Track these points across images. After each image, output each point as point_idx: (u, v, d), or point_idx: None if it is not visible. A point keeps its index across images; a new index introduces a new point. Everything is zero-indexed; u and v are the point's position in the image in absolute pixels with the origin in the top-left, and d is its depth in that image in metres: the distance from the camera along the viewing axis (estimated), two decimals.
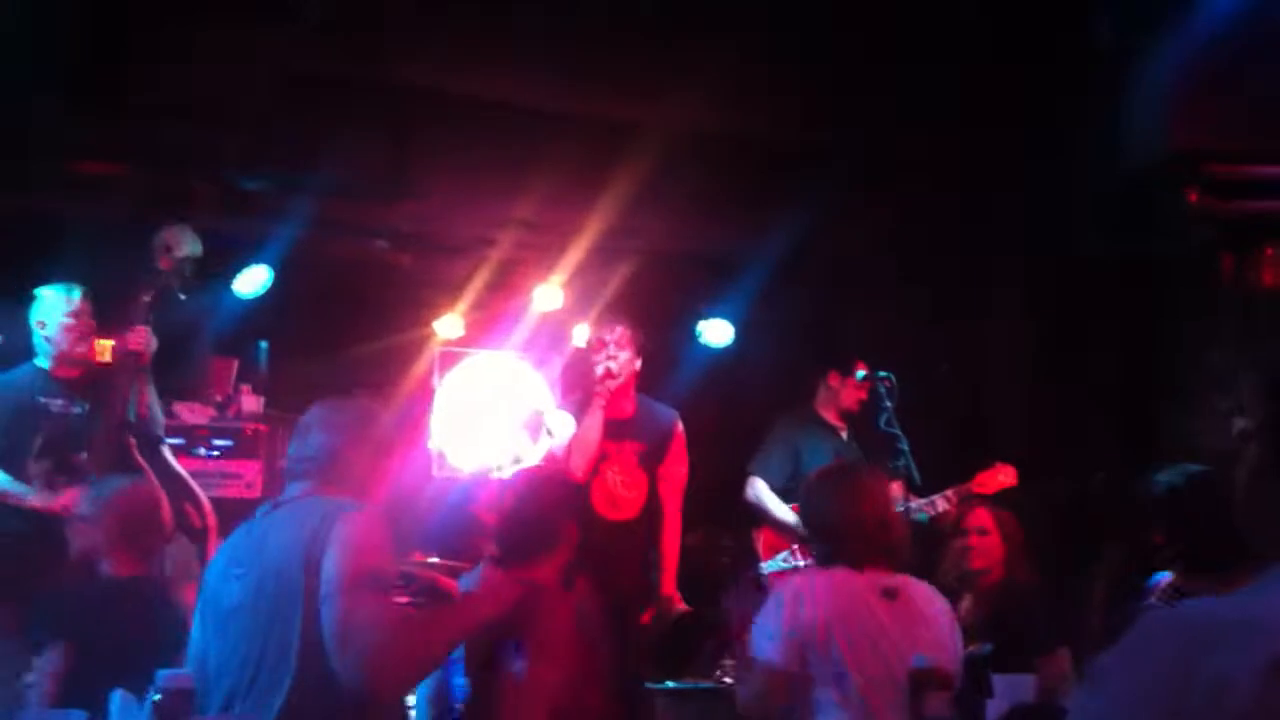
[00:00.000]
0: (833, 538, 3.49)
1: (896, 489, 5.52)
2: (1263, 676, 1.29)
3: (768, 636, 3.31)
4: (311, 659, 2.76)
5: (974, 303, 6.82)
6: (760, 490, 6.13)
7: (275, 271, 6.84)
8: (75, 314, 4.92)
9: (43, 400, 4.83)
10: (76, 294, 4.96)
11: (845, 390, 6.27)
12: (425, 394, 7.60)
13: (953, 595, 4.75)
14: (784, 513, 5.94)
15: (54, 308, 4.95)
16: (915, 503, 5.75)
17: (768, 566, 5.95)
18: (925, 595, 3.50)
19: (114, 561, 3.90)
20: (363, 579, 2.78)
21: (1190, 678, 1.31)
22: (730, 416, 7.48)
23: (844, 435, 6.27)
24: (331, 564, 2.77)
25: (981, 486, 5.87)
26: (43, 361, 4.93)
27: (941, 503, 5.87)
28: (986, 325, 6.92)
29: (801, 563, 5.77)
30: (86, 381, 4.95)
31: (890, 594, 3.37)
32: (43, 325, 4.95)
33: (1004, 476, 5.91)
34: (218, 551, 3.17)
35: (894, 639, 3.29)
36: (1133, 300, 6.04)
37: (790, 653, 3.27)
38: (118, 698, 2.72)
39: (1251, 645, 1.31)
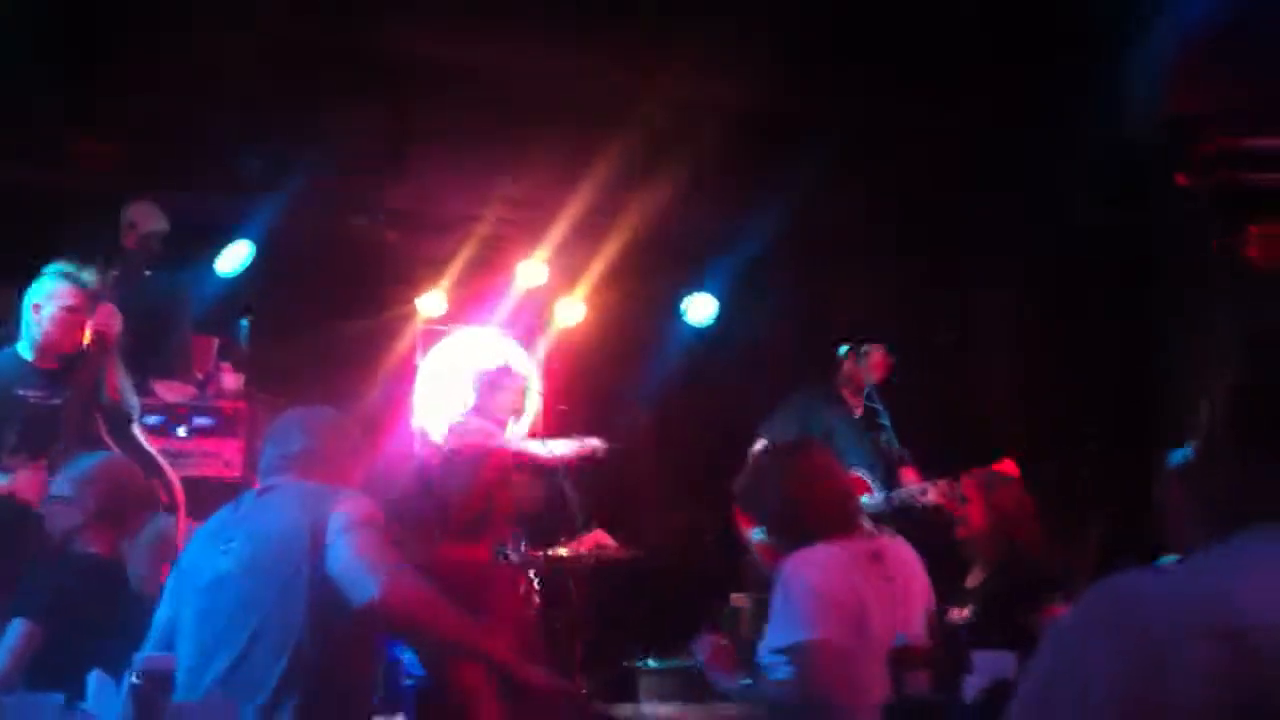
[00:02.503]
0: (805, 516, 3.49)
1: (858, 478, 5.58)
2: (1205, 645, 1.31)
3: (798, 622, 3.28)
4: (319, 618, 2.85)
5: (966, 276, 6.82)
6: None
7: (257, 248, 6.80)
8: (71, 308, 4.77)
9: (21, 392, 4.72)
10: (72, 283, 4.80)
11: (862, 367, 6.23)
12: (408, 371, 7.57)
13: (966, 565, 4.79)
14: None
15: (52, 296, 4.80)
16: (900, 492, 5.76)
17: (755, 535, 5.94)
18: (901, 548, 3.55)
19: (92, 540, 3.84)
20: (372, 522, 2.92)
21: (1137, 645, 1.33)
22: (713, 395, 7.49)
23: (856, 413, 6.22)
24: (340, 514, 2.91)
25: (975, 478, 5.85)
26: (25, 350, 4.81)
27: (933, 493, 5.83)
28: (979, 297, 6.92)
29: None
30: (63, 368, 4.85)
31: (877, 556, 3.40)
32: (38, 308, 4.81)
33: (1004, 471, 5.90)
34: (195, 534, 3.18)
35: (889, 601, 3.33)
36: (1129, 269, 6.04)
37: (835, 623, 3.27)
38: (94, 679, 2.70)
39: (1194, 612, 1.34)
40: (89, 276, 4.83)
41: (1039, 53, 5.30)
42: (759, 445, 6.10)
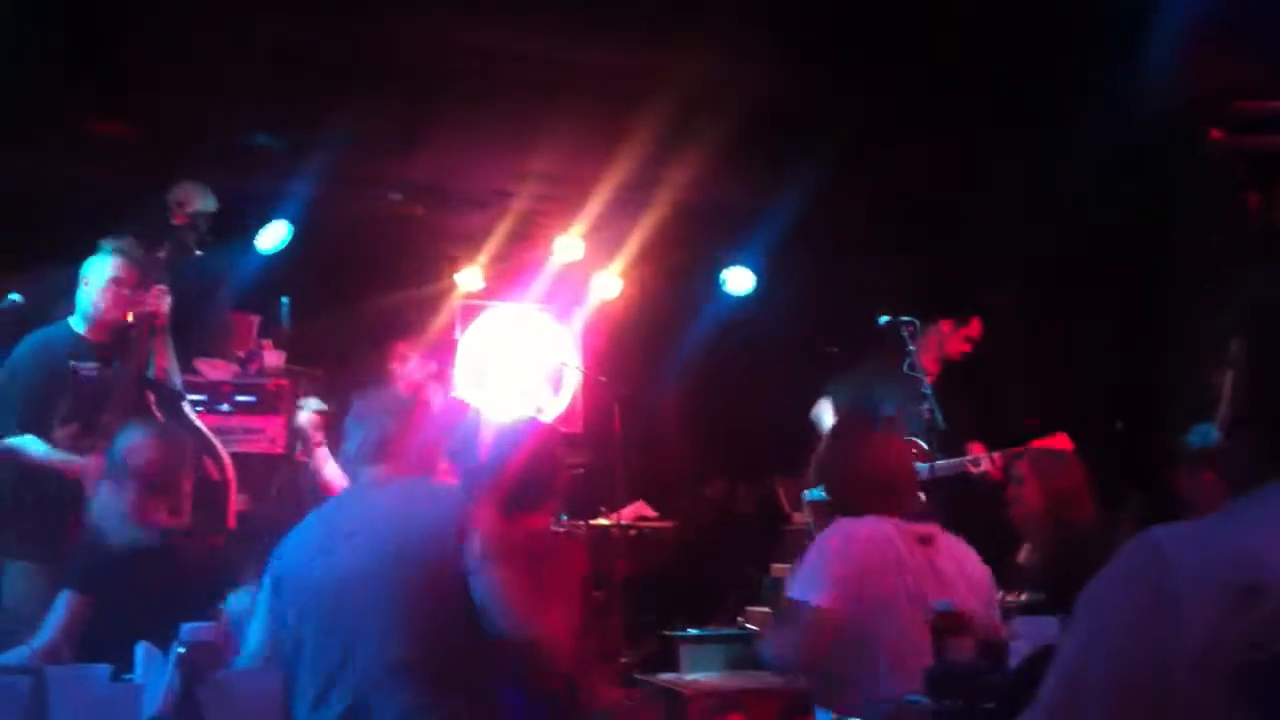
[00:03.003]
0: (858, 490, 3.51)
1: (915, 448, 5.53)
2: (1221, 597, 1.32)
3: (815, 583, 3.34)
4: (464, 619, 2.95)
5: (998, 242, 6.76)
6: (823, 411, 6.06)
7: (295, 227, 6.85)
8: (119, 280, 4.87)
9: (73, 364, 4.83)
10: (119, 259, 4.90)
11: (952, 339, 6.18)
12: (447, 347, 7.60)
13: (1016, 544, 4.77)
14: None
15: (102, 269, 4.90)
16: (952, 461, 5.72)
17: (810, 495, 5.92)
18: (957, 544, 3.54)
19: (141, 512, 3.86)
20: (507, 552, 3.00)
21: (1155, 597, 1.35)
22: (752, 366, 7.48)
23: (927, 384, 6.16)
24: (477, 539, 2.98)
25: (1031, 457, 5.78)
26: (78, 323, 4.91)
27: (986, 464, 5.78)
28: (1008, 264, 6.86)
29: None
30: (115, 343, 4.94)
31: (926, 540, 3.41)
32: (87, 282, 4.92)
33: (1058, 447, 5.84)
34: (297, 531, 3.20)
35: (933, 584, 3.33)
36: (1150, 241, 5.98)
37: (841, 597, 3.31)
38: (141, 650, 2.73)
39: (1208, 564, 1.34)
40: (137, 253, 4.90)
41: (1064, 20, 5.23)
42: (822, 408, 6.04)
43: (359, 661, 2.92)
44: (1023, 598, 4.40)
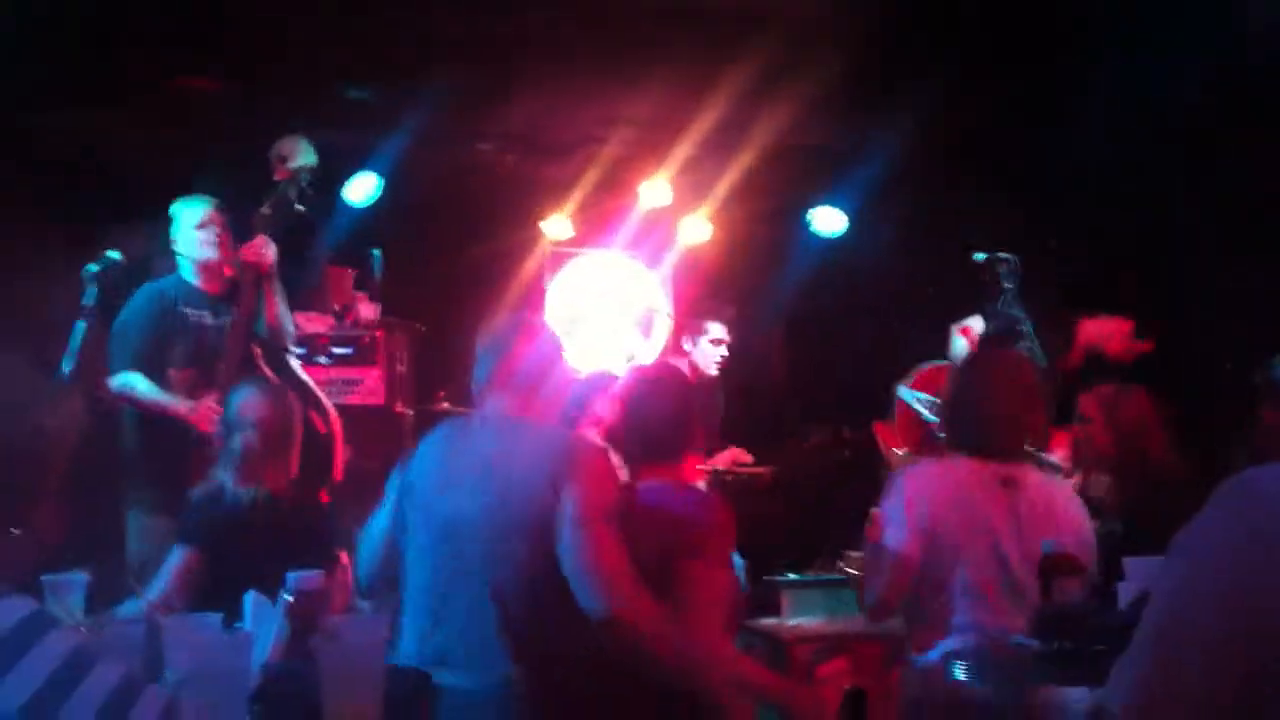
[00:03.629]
0: (960, 424, 3.46)
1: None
2: None
3: (893, 526, 3.32)
4: (550, 578, 2.83)
5: (1090, 176, 6.59)
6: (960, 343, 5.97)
7: (385, 180, 6.89)
8: (203, 224, 4.97)
9: (184, 310, 4.92)
10: (204, 205, 5.00)
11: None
12: (536, 295, 7.62)
13: (1086, 477, 4.68)
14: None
15: (184, 221, 5.01)
16: None
17: (905, 393, 5.84)
18: (1048, 485, 3.46)
19: (255, 470, 3.93)
20: (609, 513, 2.87)
21: (1252, 534, 1.34)
22: (844, 309, 7.40)
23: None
24: (578, 492, 2.86)
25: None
26: (187, 274, 5.02)
27: None
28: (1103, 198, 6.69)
29: None
30: (226, 295, 5.02)
31: (1009, 483, 3.34)
32: (175, 241, 5.03)
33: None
34: (422, 451, 3.16)
35: (1012, 528, 3.27)
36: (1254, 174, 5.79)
37: (913, 542, 3.28)
38: (250, 599, 2.77)
39: None
40: (206, 203, 5.01)
41: None
42: (971, 325, 5.93)
43: (452, 611, 2.91)
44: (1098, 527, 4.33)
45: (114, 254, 4.93)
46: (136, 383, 4.80)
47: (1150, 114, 6.00)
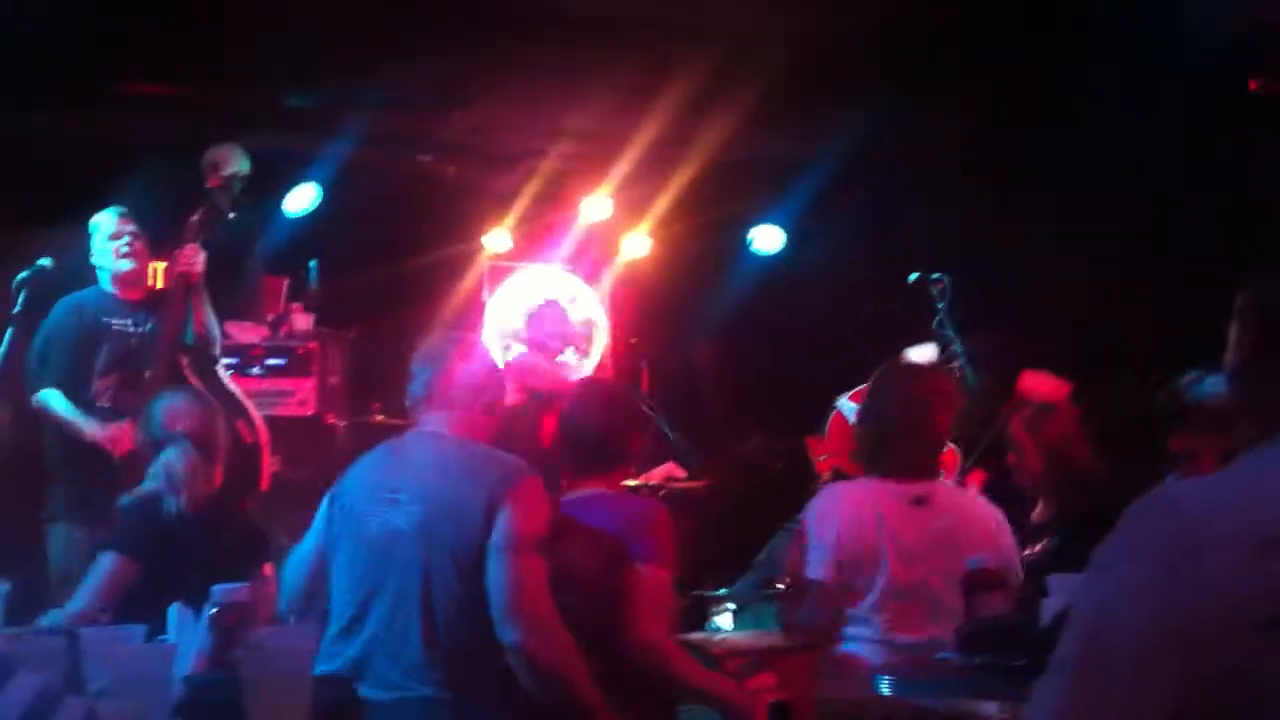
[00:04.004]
0: (871, 443, 3.50)
1: None
2: (1243, 550, 1.30)
3: (809, 551, 3.36)
4: (463, 606, 2.85)
5: (1038, 194, 6.69)
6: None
7: (324, 189, 6.84)
8: (117, 234, 4.94)
9: (105, 319, 4.88)
10: (113, 215, 4.97)
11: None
12: (475, 308, 7.60)
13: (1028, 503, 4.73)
14: None
15: (99, 232, 4.98)
16: None
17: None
18: (963, 501, 3.48)
19: (195, 478, 3.85)
20: (537, 541, 2.89)
21: (1175, 550, 1.34)
22: (782, 325, 7.44)
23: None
24: (509, 520, 2.87)
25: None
26: (106, 284, 4.98)
27: None
28: (1052, 216, 6.78)
29: None
30: (148, 302, 4.98)
31: (920, 501, 3.35)
32: (93, 253, 5.00)
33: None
34: (357, 468, 3.17)
35: (925, 545, 3.29)
36: (1205, 183, 5.90)
37: (828, 566, 3.32)
38: (174, 612, 2.75)
39: (1226, 517, 1.33)
40: (117, 212, 4.97)
41: None
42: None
43: (374, 625, 2.90)
44: (1037, 549, 4.39)
45: (45, 261, 4.89)
46: (52, 401, 4.75)
47: (1124, 123, 6.11)
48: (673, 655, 3.16)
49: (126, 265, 4.95)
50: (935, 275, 5.86)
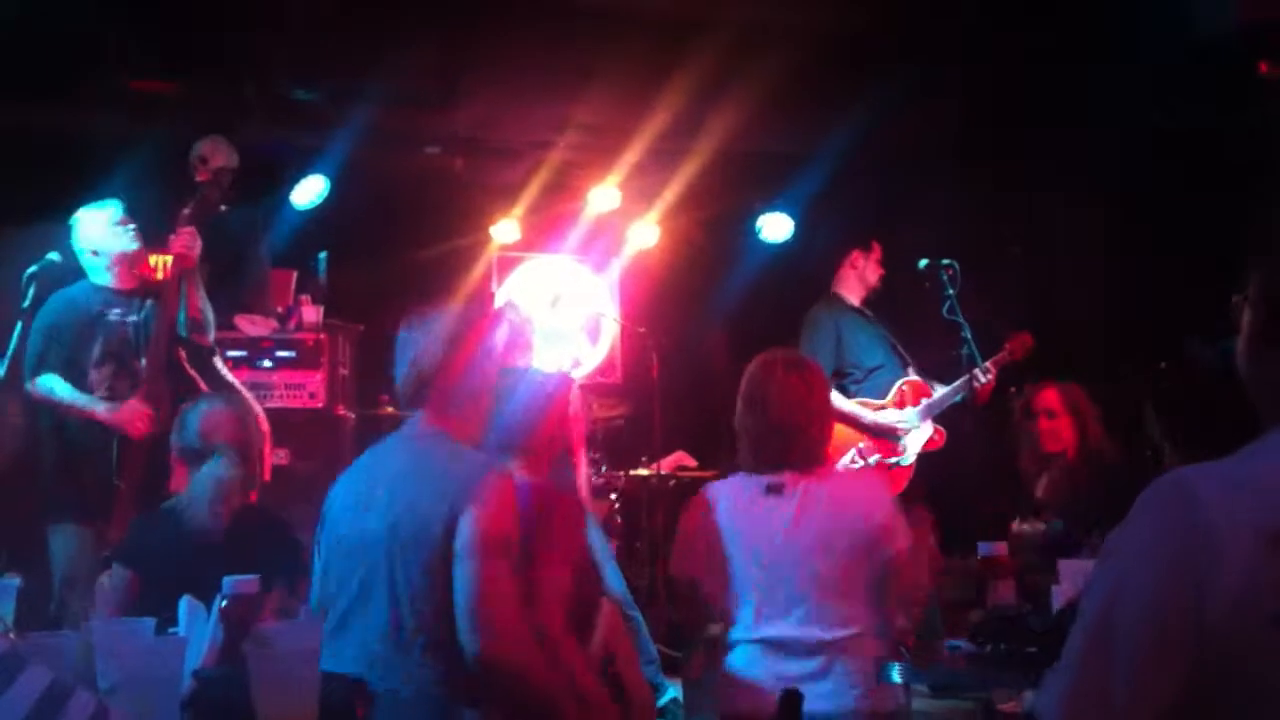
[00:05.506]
0: (740, 438, 3.49)
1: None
2: (1256, 542, 1.29)
3: (679, 548, 3.41)
4: (437, 607, 2.80)
5: (1041, 183, 6.67)
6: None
7: (331, 182, 6.85)
8: (123, 220, 4.93)
9: (99, 309, 4.86)
10: (115, 205, 4.95)
11: (868, 268, 6.17)
12: (484, 299, 7.60)
13: (1030, 478, 4.74)
14: (844, 404, 5.82)
15: (98, 220, 4.94)
16: (948, 389, 5.72)
17: (839, 465, 5.91)
18: (820, 491, 3.35)
19: (234, 493, 3.78)
20: (500, 546, 2.81)
21: (1189, 538, 1.32)
22: (790, 314, 7.42)
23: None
24: (473, 523, 2.79)
25: (1012, 354, 5.77)
26: (98, 277, 4.95)
27: (981, 375, 5.73)
28: (1054, 206, 6.77)
29: (870, 460, 5.72)
30: (141, 291, 4.97)
31: (774, 489, 3.33)
32: (88, 243, 4.94)
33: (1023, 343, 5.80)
34: (343, 475, 3.12)
35: (784, 533, 3.27)
36: (1204, 174, 5.88)
37: (693, 561, 3.35)
38: (185, 604, 2.75)
39: (1240, 507, 1.32)
40: (115, 203, 4.96)
41: None
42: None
43: (357, 623, 2.89)
44: (1040, 527, 4.39)
45: (54, 256, 4.89)
46: (55, 385, 4.75)
47: (1118, 116, 6.09)
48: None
49: (135, 245, 4.92)
50: (944, 261, 5.86)
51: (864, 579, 3.22)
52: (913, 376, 5.95)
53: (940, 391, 5.88)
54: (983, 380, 5.67)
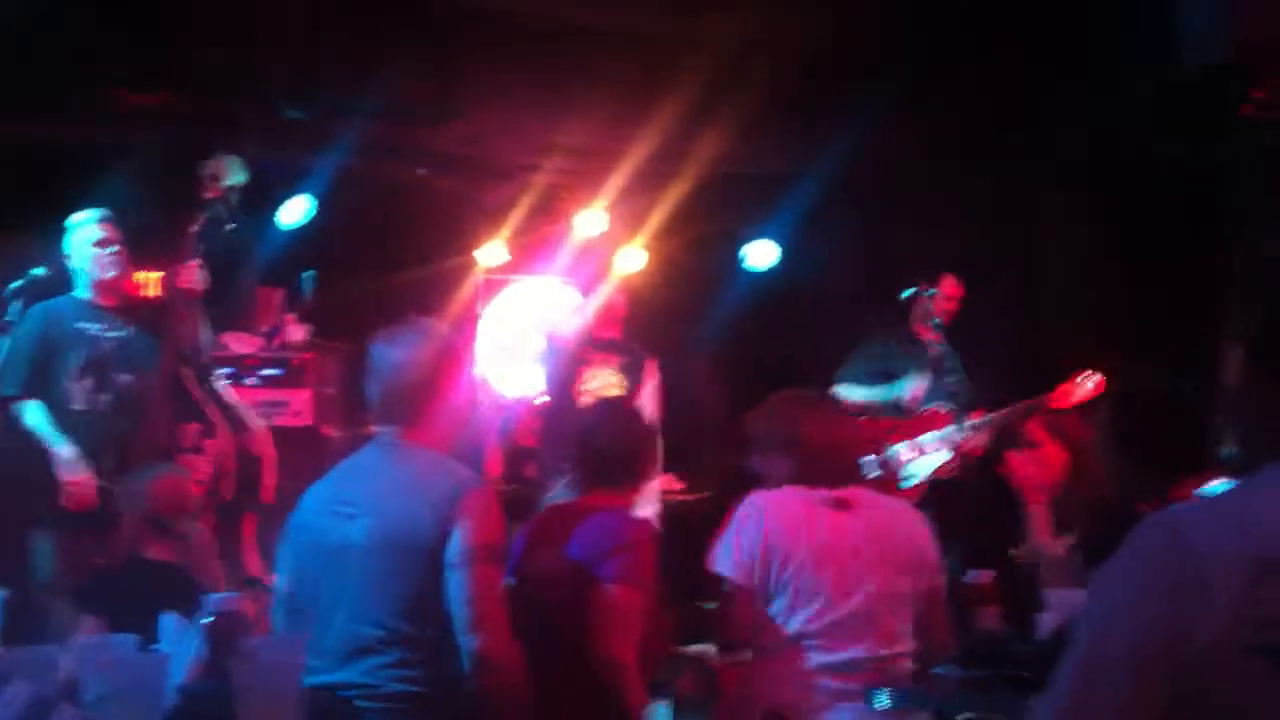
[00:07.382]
0: (786, 457, 3.48)
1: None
2: (1241, 577, 1.30)
3: (726, 557, 3.37)
4: (422, 611, 2.87)
5: (1032, 210, 6.71)
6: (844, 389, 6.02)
7: (319, 200, 6.84)
8: (102, 241, 4.87)
9: (79, 325, 4.82)
10: (99, 219, 4.90)
11: (935, 303, 6.14)
12: (469, 321, 7.59)
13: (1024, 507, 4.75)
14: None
15: (80, 237, 4.90)
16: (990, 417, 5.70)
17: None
18: (887, 506, 3.46)
19: (145, 547, 4.06)
20: (493, 552, 2.92)
21: (1178, 571, 1.34)
22: (777, 339, 7.45)
23: (931, 352, 6.05)
24: (463, 533, 2.87)
25: (1058, 401, 5.67)
26: (80, 291, 4.92)
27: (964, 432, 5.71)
28: (1045, 232, 6.80)
29: (879, 472, 5.74)
30: (126, 309, 4.94)
31: (840, 504, 3.34)
32: (70, 257, 4.92)
33: (1088, 384, 5.71)
34: (315, 488, 3.15)
35: (848, 547, 3.27)
36: (1196, 202, 5.92)
37: (744, 570, 3.31)
38: (168, 620, 2.74)
39: (1227, 539, 1.34)
40: (101, 216, 4.92)
41: None
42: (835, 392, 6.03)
43: (335, 631, 2.90)
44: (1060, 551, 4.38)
45: (39, 270, 4.87)
46: (28, 414, 4.72)
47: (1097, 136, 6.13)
48: (626, 675, 3.17)
49: (111, 273, 4.89)
50: (930, 291, 5.89)
51: (912, 602, 3.23)
52: (940, 408, 5.92)
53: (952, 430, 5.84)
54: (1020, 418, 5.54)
